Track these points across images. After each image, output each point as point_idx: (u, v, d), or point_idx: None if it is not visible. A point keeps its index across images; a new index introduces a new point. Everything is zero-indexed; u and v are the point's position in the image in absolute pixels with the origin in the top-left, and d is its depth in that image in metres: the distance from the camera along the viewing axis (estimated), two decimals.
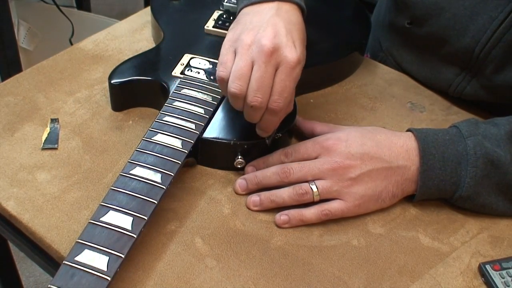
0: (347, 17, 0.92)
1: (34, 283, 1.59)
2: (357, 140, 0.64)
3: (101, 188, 0.65)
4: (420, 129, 0.66)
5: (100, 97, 0.78)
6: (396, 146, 0.64)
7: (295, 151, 0.65)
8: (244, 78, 0.61)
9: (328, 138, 0.65)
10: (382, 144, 0.64)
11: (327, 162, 0.63)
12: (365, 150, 0.63)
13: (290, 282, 0.58)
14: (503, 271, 0.60)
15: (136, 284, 0.57)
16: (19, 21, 1.86)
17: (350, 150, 0.63)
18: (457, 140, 0.64)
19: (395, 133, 0.66)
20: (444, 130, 0.66)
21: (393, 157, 0.64)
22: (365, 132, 0.66)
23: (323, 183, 0.63)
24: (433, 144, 0.64)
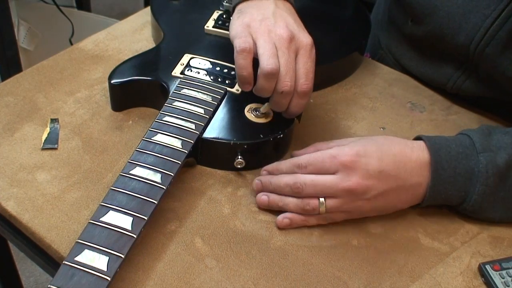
0: (347, 17, 0.92)
1: (34, 283, 1.59)
2: (375, 155, 0.61)
3: (101, 188, 0.65)
4: (433, 139, 0.64)
5: (100, 97, 0.78)
6: (411, 161, 0.62)
7: (310, 164, 0.62)
8: (276, 57, 0.63)
9: (346, 154, 0.61)
10: (397, 159, 0.62)
11: (343, 181, 0.60)
12: (383, 167, 0.61)
13: (290, 282, 0.58)
14: (503, 271, 0.60)
15: (136, 284, 0.57)
16: (19, 21, 1.86)
17: (368, 169, 0.60)
18: (470, 154, 0.63)
19: (408, 143, 0.64)
20: (457, 140, 0.64)
21: (407, 174, 0.62)
22: (381, 144, 0.63)
23: (334, 203, 0.61)
24: (446, 157, 0.62)
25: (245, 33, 0.65)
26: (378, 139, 0.64)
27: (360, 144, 0.63)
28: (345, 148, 0.62)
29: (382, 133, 0.76)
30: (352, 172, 0.60)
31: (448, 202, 0.65)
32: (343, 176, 0.60)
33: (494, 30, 0.73)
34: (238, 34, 0.65)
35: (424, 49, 0.85)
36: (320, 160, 0.62)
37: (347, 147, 0.62)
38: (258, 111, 0.70)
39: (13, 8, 1.77)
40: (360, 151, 0.61)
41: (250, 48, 0.64)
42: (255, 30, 0.65)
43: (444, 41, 0.79)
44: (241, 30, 0.66)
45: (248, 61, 0.64)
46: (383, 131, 0.77)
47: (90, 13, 1.96)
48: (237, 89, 0.73)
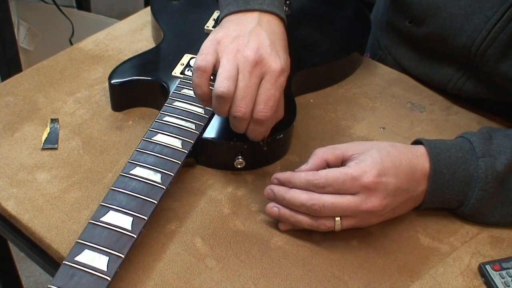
0: (347, 17, 0.92)
1: (34, 283, 1.59)
2: (392, 172, 0.60)
3: (101, 188, 0.65)
4: (433, 143, 0.64)
5: (100, 97, 0.78)
6: (417, 171, 0.62)
7: (329, 185, 0.59)
8: (233, 80, 0.60)
9: (368, 175, 0.58)
10: (408, 172, 0.61)
11: (365, 203, 0.59)
12: (399, 185, 0.60)
13: (290, 282, 0.58)
14: (503, 271, 0.60)
15: (136, 284, 0.57)
16: (19, 21, 1.86)
17: (388, 188, 0.59)
18: (470, 159, 0.63)
19: (413, 152, 0.63)
20: (457, 144, 0.64)
21: (415, 185, 0.62)
22: (393, 157, 0.61)
23: (349, 222, 0.60)
24: (445, 162, 0.62)
25: (209, 50, 0.63)
26: (388, 149, 0.62)
27: (377, 162, 0.60)
28: (365, 167, 0.59)
29: (382, 133, 0.76)
30: (373, 194, 0.59)
31: (446, 205, 0.65)
32: (364, 198, 0.59)
33: (496, 32, 0.73)
34: (202, 50, 0.63)
35: (424, 50, 0.85)
36: (341, 182, 0.58)
37: (367, 166, 0.59)
38: None
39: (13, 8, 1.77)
40: (380, 170, 0.59)
41: (205, 67, 0.61)
42: (222, 48, 0.62)
43: (445, 42, 0.79)
44: (207, 47, 0.63)
45: (202, 80, 0.62)
46: (383, 131, 0.77)
47: (90, 13, 1.96)
48: None
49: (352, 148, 0.63)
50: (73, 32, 1.82)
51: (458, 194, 0.63)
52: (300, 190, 0.60)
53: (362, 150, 0.62)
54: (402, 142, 0.75)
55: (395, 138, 0.76)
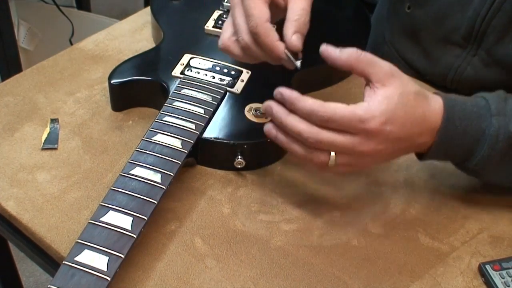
0: (347, 17, 0.92)
1: (34, 283, 1.59)
2: (400, 122, 0.58)
3: (101, 188, 0.65)
4: (450, 96, 0.63)
5: (100, 97, 0.78)
6: (426, 124, 0.60)
7: (334, 121, 0.57)
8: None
9: (373, 118, 0.57)
10: (417, 123, 0.60)
11: (360, 145, 0.58)
12: (401, 134, 0.59)
13: (290, 282, 0.58)
14: (503, 271, 0.60)
15: (136, 284, 0.57)
16: (19, 21, 1.86)
17: (389, 137, 0.58)
18: (484, 115, 0.61)
19: (431, 104, 0.61)
20: (473, 100, 0.63)
21: (418, 137, 0.60)
22: (410, 107, 0.59)
23: (344, 159, 0.59)
24: (459, 115, 0.61)
25: None
26: (410, 97, 0.59)
27: (391, 109, 0.58)
28: (375, 112, 0.57)
29: None
30: (372, 139, 0.58)
31: (449, 158, 0.64)
32: (362, 141, 0.58)
33: (499, 2, 0.73)
34: None
35: (425, 39, 0.85)
36: (347, 121, 0.57)
37: (378, 111, 0.57)
38: (258, 111, 0.70)
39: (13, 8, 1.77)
40: (389, 119, 0.57)
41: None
42: None
43: (449, 20, 0.79)
44: None
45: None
46: None
47: (90, 13, 1.96)
48: (237, 89, 0.73)
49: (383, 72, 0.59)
50: (73, 32, 1.82)
51: (466, 149, 0.62)
52: (299, 118, 0.58)
53: (390, 83, 0.59)
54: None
55: None
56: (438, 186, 0.70)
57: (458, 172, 0.71)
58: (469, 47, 0.80)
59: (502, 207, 0.69)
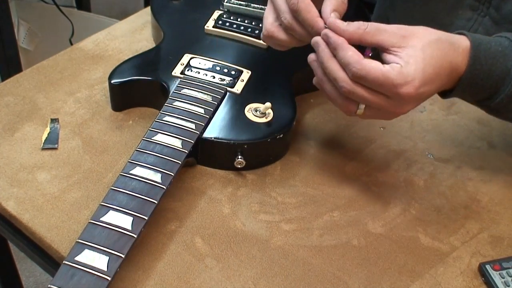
0: (347, 17, 0.92)
1: (34, 283, 1.58)
2: (431, 79, 0.58)
3: (101, 188, 0.65)
4: (475, 35, 0.63)
5: (100, 97, 0.78)
6: (454, 72, 0.61)
7: (367, 81, 0.57)
8: None
9: (407, 84, 0.57)
10: (447, 73, 0.60)
11: (393, 108, 0.59)
12: (433, 89, 0.60)
13: (290, 282, 0.58)
14: (503, 271, 0.60)
15: (136, 284, 0.57)
16: (19, 21, 1.86)
17: (422, 97, 0.60)
18: (509, 54, 0.62)
19: (456, 48, 0.61)
20: (497, 40, 0.63)
21: (446, 84, 0.62)
22: (437, 60, 0.59)
23: (372, 113, 0.61)
24: (485, 54, 0.61)
25: None
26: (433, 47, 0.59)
27: (421, 69, 0.57)
28: (408, 76, 0.57)
29: (382, 133, 0.76)
30: (408, 102, 0.59)
31: (474, 96, 0.64)
32: (397, 104, 0.59)
33: None
34: None
35: (433, 6, 0.85)
36: (379, 84, 0.57)
37: (411, 75, 0.57)
38: (258, 111, 0.70)
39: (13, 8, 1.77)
40: (422, 81, 0.58)
41: None
42: None
43: None
44: None
45: None
46: (383, 130, 0.77)
47: (90, 13, 1.95)
48: (237, 89, 0.73)
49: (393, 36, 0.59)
50: (73, 32, 1.82)
51: (491, 87, 0.62)
52: (339, 70, 0.59)
53: (406, 43, 0.59)
54: (402, 142, 0.76)
55: (395, 138, 0.76)
56: (438, 186, 0.70)
57: (458, 172, 0.71)
58: (480, 7, 0.81)
59: (502, 207, 0.69)
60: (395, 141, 0.76)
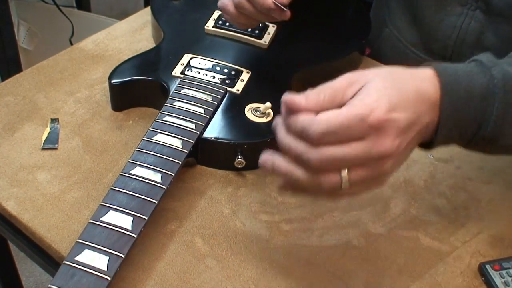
0: (347, 17, 0.92)
1: (34, 283, 1.59)
2: (401, 106, 0.49)
3: (101, 188, 0.65)
4: (437, 63, 0.54)
5: (100, 97, 0.78)
6: (425, 98, 0.51)
7: (330, 135, 0.47)
8: None
9: (374, 110, 0.47)
10: (416, 100, 0.51)
11: (375, 147, 0.47)
12: (409, 118, 0.49)
13: (290, 282, 0.58)
14: (503, 271, 0.60)
15: (136, 283, 0.57)
16: (19, 21, 1.86)
17: (399, 125, 0.48)
18: (481, 71, 0.53)
19: (419, 76, 0.53)
20: (463, 64, 0.55)
21: (424, 113, 0.51)
22: (400, 86, 0.50)
23: (359, 173, 0.48)
24: (454, 77, 0.53)
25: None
26: (392, 76, 0.52)
27: (383, 95, 0.49)
28: (372, 103, 0.48)
29: None
30: (384, 133, 0.48)
31: (463, 130, 0.53)
32: (374, 141, 0.47)
33: None
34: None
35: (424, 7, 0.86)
36: (345, 127, 0.47)
37: (374, 101, 0.48)
38: (258, 111, 0.70)
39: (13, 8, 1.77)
40: (388, 104, 0.48)
41: None
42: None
43: None
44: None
45: None
46: None
47: (90, 13, 1.95)
48: (237, 89, 0.73)
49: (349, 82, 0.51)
50: (73, 32, 1.82)
51: (476, 112, 0.53)
52: (296, 138, 0.49)
53: (364, 80, 0.50)
54: None
55: None
56: (438, 186, 0.70)
57: (458, 172, 0.71)
58: (469, 1, 0.81)
59: (502, 207, 0.69)
60: None
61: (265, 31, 0.82)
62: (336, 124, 0.47)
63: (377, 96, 0.49)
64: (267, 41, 0.81)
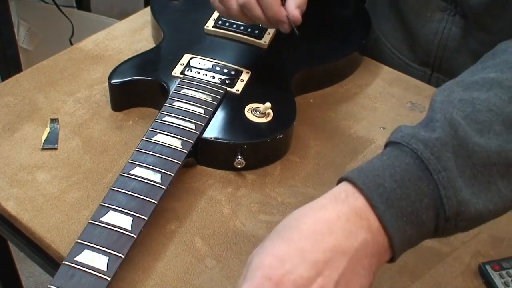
0: (347, 17, 0.92)
1: (34, 283, 1.59)
2: (291, 252, 0.43)
3: (101, 188, 0.65)
4: (349, 172, 0.48)
5: (100, 97, 0.78)
6: (332, 222, 0.45)
7: None
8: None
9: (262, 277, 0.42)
10: (317, 233, 0.44)
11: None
12: (311, 258, 0.43)
13: None
14: (503, 271, 0.60)
15: (136, 284, 0.57)
16: (19, 21, 1.86)
17: (300, 274, 0.42)
18: (400, 153, 0.46)
19: (317, 205, 0.47)
20: (377, 155, 0.48)
21: (341, 239, 0.44)
22: (285, 233, 0.45)
23: None
24: (374, 173, 0.45)
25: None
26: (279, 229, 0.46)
27: (267, 254, 0.44)
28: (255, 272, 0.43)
29: (382, 133, 0.76)
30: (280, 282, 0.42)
31: (420, 225, 0.45)
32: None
33: None
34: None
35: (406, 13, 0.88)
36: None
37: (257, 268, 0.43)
38: (258, 111, 0.70)
39: (13, 8, 1.77)
40: (275, 263, 0.43)
41: None
42: None
43: None
44: None
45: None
46: (383, 131, 0.77)
47: (90, 13, 1.95)
48: (237, 89, 0.73)
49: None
50: (73, 32, 1.82)
51: (419, 198, 0.45)
52: None
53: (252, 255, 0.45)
54: None
55: None
56: None
57: None
58: (448, 7, 0.82)
59: None
60: None
61: (265, 31, 0.82)
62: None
63: (262, 260, 0.43)
64: (267, 41, 0.81)
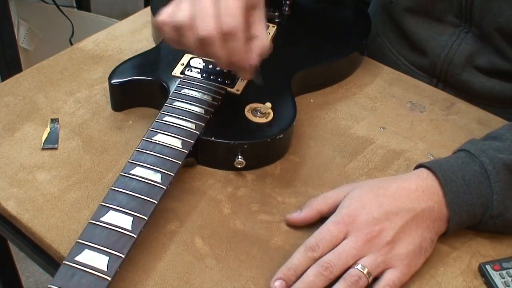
0: (347, 17, 0.92)
1: (34, 283, 1.59)
2: (373, 202, 0.60)
3: (101, 188, 0.65)
4: (431, 162, 0.63)
5: (100, 97, 0.78)
6: (411, 191, 0.61)
7: (321, 241, 0.58)
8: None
9: (345, 214, 0.59)
10: (397, 195, 0.60)
11: (358, 237, 0.58)
12: (386, 208, 0.59)
13: None
14: (503, 271, 0.60)
15: (136, 284, 0.57)
16: (19, 21, 1.86)
17: (373, 216, 0.59)
18: (470, 161, 0.62)
19: (404, 177, 0.63)
20: (453, 156, 0.64)
21: (414, 203, 0.60)
22: (376, 189, 0.61)
23: (367, 260, 0.57)
24: (450, 169, 0.61)
25: None
26: (372, 184, 0.63)
27: (356, 198, 0.61)
28: (342, 209, 0.60)
29: (382, 133, 0.76)
30: (360, 226, 0.58)
31: (472, 217, 0.61)
32: (355, 233, 0.58)
33: None
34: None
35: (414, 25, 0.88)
36: (327, 232, 0.58)
37: (343, 207, 0.60)
38: (258, 111, 0.70)
39: (13, 8, 1.77)
40: (357, 205, 0.60)
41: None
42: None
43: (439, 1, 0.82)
44: None
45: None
46: (383, 131, 0.77)
47: (90, 13, 1.96)
48: (237, 89, 0.73)
49: (343, 191, 0.63)
50: (73, 32, 1.82)
51: (479, 196, 0.60)
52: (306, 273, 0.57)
53: (349, 191, 0.62)
54: (402, 142, 0.75)
55: (395, 138, 0.76)
56: None
57: None
58: (462, 24, 0.82)
59: None
60: (395, 141, 0.76)
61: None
62: (320, 234, 0.59)
63: (349, 202, 0.61)
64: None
